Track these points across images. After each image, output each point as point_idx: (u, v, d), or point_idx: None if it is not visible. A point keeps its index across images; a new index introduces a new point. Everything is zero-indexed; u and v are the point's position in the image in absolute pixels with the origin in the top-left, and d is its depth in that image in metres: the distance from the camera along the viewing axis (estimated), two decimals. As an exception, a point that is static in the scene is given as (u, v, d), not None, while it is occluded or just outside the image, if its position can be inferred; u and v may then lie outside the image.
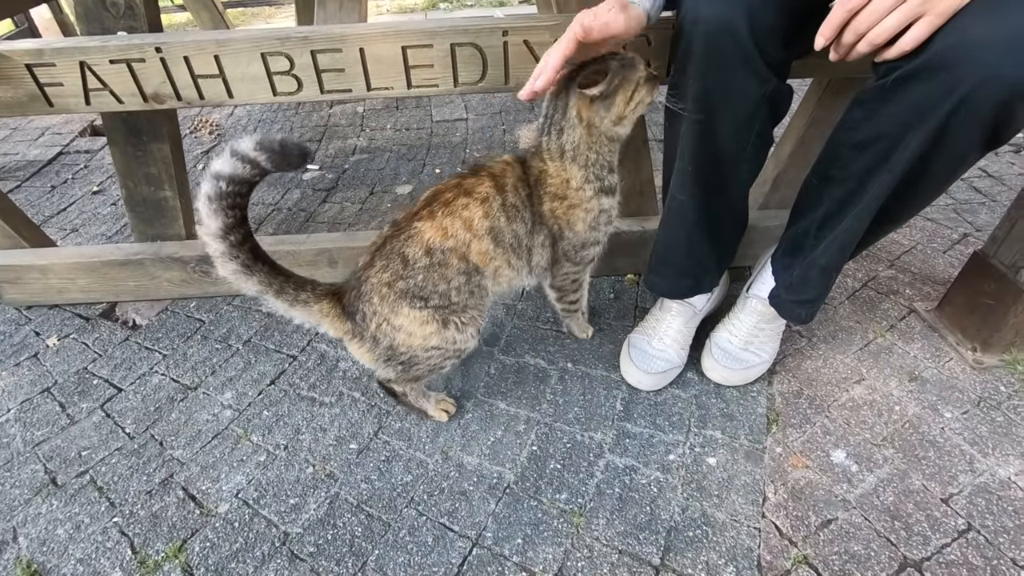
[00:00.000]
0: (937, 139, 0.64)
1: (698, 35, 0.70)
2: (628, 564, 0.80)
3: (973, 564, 0.78)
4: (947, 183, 0.73)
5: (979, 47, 0.57)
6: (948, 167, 0.68)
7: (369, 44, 0.94)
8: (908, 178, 0.69)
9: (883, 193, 0.71)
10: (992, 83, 0.58)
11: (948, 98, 0.60)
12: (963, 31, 0.58)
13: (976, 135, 0.63)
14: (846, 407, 0.99)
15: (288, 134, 1.94)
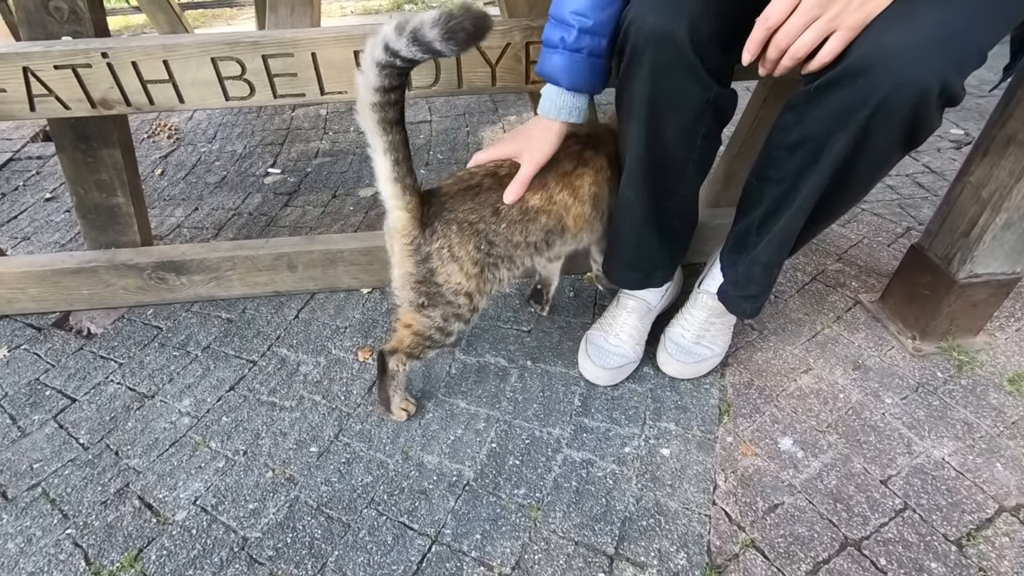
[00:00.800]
0: (860, 141, 0.68)
1: (641, 45, 0.73)
2: (584, 555, 0.82)
3: (908, 541, 0.82)
4: (873, 181, 0.77)
5: (892, 55, 0.61)
6: (872, 166, 0.72)
7: (321, 49, 0.95)
8: (837, 178, 0.73)
9: (816, 192, 0.75)
10: (905, 88, 0.61)
11: (867, 103, 0.64)
12: (877, 40, 0.62)
13: (895, 137, 0.67)
14: (794, 396, 1.03)
15: (249, 139, 1.93)
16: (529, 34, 0.95)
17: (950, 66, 0.61)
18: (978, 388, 1.03)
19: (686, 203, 0.91)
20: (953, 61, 0.61)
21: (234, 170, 1.75)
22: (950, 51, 0.60)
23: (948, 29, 0.60)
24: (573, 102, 0.80)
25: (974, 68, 0.63)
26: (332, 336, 1.17)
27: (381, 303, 1.24)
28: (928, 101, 0.62)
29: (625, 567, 0.80)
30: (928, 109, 0.63)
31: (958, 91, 0.62)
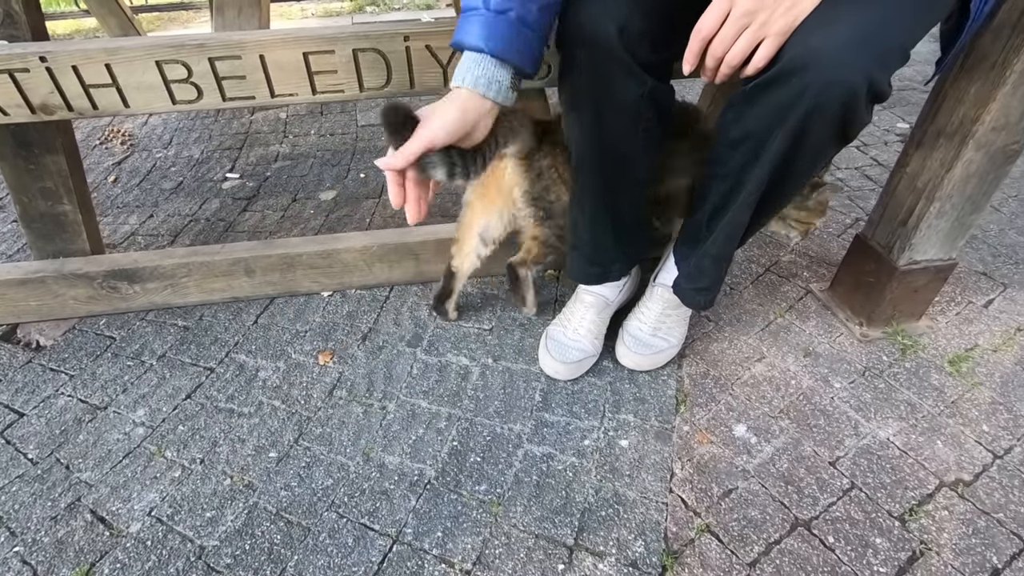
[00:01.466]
0: (797, 137, 0.70)
1: (574, 43, 0.74)
2: (544, 547, 0.83)
3: (855, 518, 0.86)
4: (811, 173, 0.80)
5: (819, 56, 0.63)
6: (809, 160, 0.75)
7: (269, 51, 0.94)
8: (777, 172, 0.76)
9: (759, 187, 0.78)
10: (835, 87, 0.64)
11: (801, 102, 0.67)
12: (805, 42, 0.65)
13: (829, 132, 0.70)
14: (748, 384, 1.06)
15: (207, 144, 1.89)
16: (479, 34, 0.96)
17: (873, 65, 0.64)
18: (921, 370, 1.07)
19: (637, 195, 0.93)
20: (876, 60, 0.64)
21: (191, 176, 1.72)
22: (872, 50, 0.63)
23: (869, 29, 0.63)
24: (493, 72, 0.69)
25: (898, 66, 0.66)
26: (292, 340, 1.16)
27: (342, 306, 1.23)
28: (856, 99, 0.65)
29: (584, 557, 0.82)
30: (857, 106, 0.66)
31: (884, 88, 0.66)
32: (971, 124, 0.88)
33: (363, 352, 1.13)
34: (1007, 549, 0.82)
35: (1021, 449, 0.94)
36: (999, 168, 0.94)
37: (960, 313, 1.19)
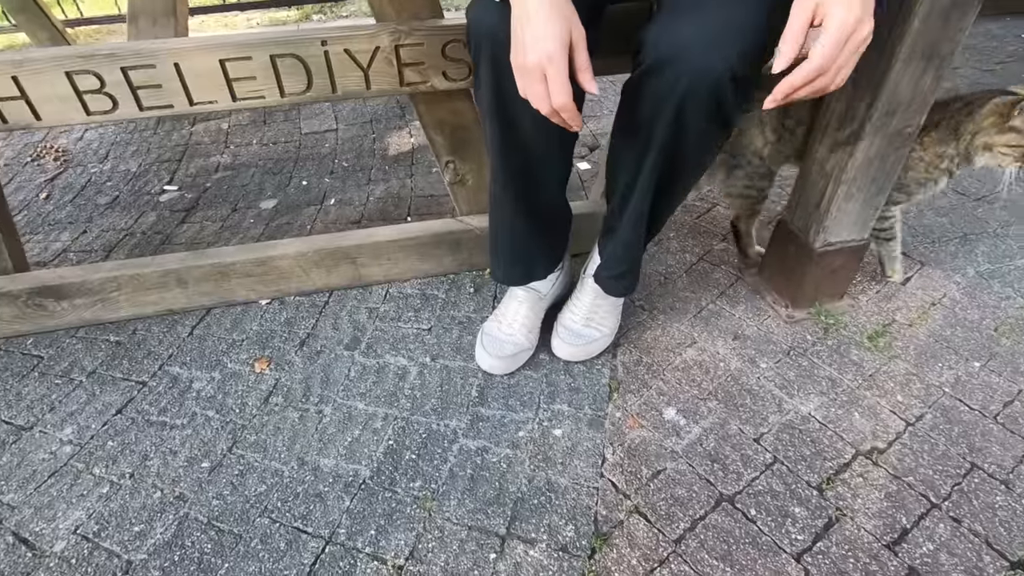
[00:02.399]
0: (678, 124, 0.74)
1: (482, 44, 0.76)
2: (476, 538, 0.84)
3: (776, 491, 0.89)
4: (703, 158, 0.84)
5: (689, 45, 0.67)
6: (696, 146, 0.78)
7: (184, 59, 0.93)
8: (668, 159, 0.79)
9: (654, 174, 0.81)
10: (703, 75, 0.68)
11: (675, 91, 0.70)
12: (676, 31, 0.68)
13: (705, 119, 0.73)
14: (679, 369, 1.09)
15: (145, 157, 1.86)
16: (397, 37, 0.97)
17: (736, 55, 0.67)
18: (842, 347, 1.12)
19: (554, 193, 0.95)
20: (739, 50, 0.67)
21: (127, 190, 1.69)
22: (735, 41, 0.67)
23: (733, 21, 0.67)
24: None
25: (760, 59, 0.70)
26: (228, 350, 1.15)
27: (280, 313, 1.23)
28: (723, 87, 0.69)
29: (516, 545, 0.83)
30: (727, 94, 0.70)
31: (749, 76, 0.69)
32: (866, 109, 0.93)
33: (300, 358, 1.13)
34: (916, 510, 0.86)
35: (931, 416, 0.99)
36: (898, 150, 0.99)
37: (880, 291, 1.24)
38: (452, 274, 1.31)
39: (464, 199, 1.25)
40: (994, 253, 1.33)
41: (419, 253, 1.26)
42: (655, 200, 0.85)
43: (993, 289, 1.23)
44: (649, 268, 1.32)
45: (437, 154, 1.18)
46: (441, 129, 1.14)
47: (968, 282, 1.25)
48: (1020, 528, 0.83)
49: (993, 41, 2.45)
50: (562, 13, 0.64)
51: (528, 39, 0.64)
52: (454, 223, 1.26)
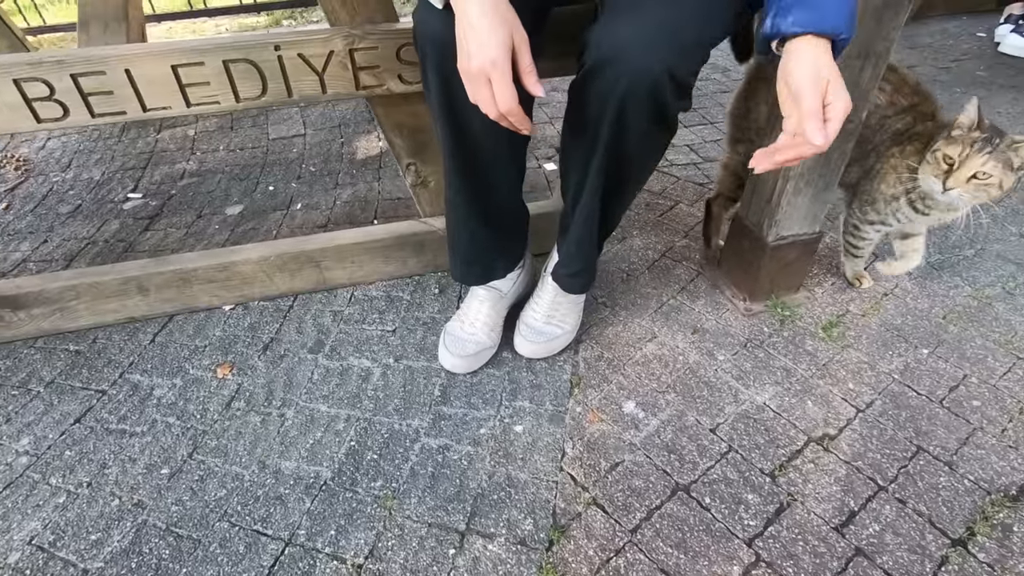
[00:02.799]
0: (621, 122, 0.75)
1: (428, 48, 0.77)
2: (436, 535, 0.85)
3: (730, 479, 0.91)
4: (649, 157, 0.86)
5: (627, 46, 0.69)
6: (640, 145, 0.80)
7: (135, 65, 0.93)
8: (613, 158, 0.81)
9: (601, 172, 0.83)
10: (641, 76, 0.70)
11: (615, 91, 0.72)
12: (615, 33, 0.70)
13: (646, 118, 0.75)
14: (639, 363, 1.11)
15: (108, 165, 1.84)
16: (351, 41, 0.98)
17: (672, 57, 0.69)
18: (797, 338, 1.15)
19: (508, 193, 0.97)
20: (675, 52, 0.69)
21: (90, 198, 1.67)
22: (672, 43, 0.69)
23: (669, 25, 0.69)
24: None
25: (698, 61, 0.73)
26: (190, 356, 1.14)
27: (243, 318, 1.22)
28: (661, 87, 0.71)
29: (475, 540, 0.84)
30: (663, 94, 0.72)
31: (685, 78, 0.72)
32: (808, 106, 0.96)
33: (263, 362, 1.13)
34: (863, 493, 0.89)
35: (881, 402, 1.02)
36: (842, 145, 1.03)
37: (835, 283, 1.28)
38: (417, 275, 1.32)
39: (427, 201, 1.26)
40: (944, 244, 1.37)
41: (383, 255, 1.27)
42: (605, 198, 0.87)
43: (943, 279, 1.28)
44: (612, 266, 1.34)
45: (398, 156, 1.19)
46: (400, 132, 1.15)
47: (920, 272, 1.29)
48: (962, 507, 0.86)
49: (949, 39, 2.52)
50: (504, 19, 0.66)
51: (472, 46, 0.66)
52: (418, 225, 1.27)
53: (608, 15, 0.74)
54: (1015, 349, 1.10)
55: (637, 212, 1.52)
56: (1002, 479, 0.90)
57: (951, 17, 2.73)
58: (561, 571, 0.81)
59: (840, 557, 0.81)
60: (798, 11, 0.63)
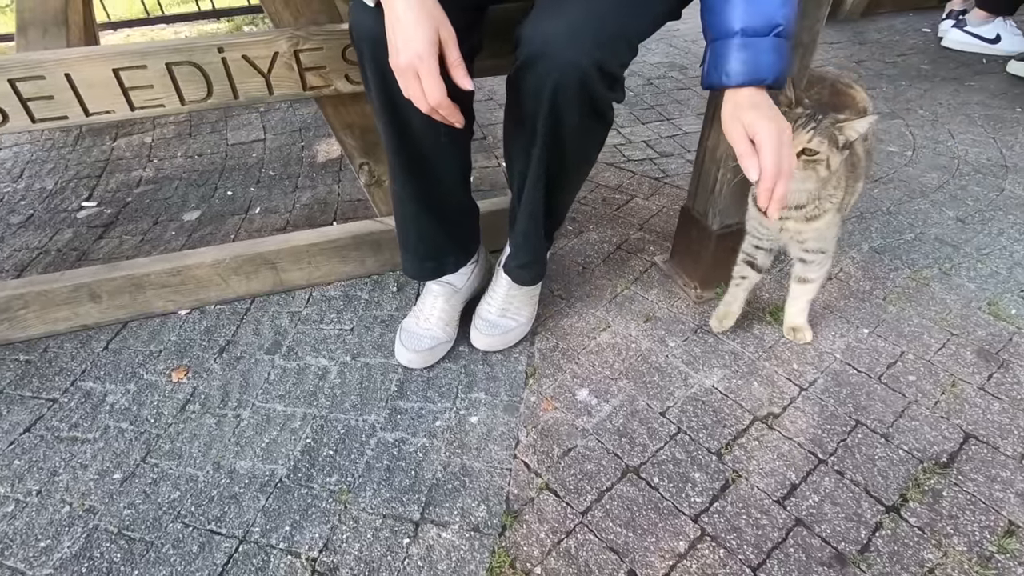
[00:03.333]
0: (555, 115, 0.78)
1: (364, 47, 0.79)
2: (391, 525, 0.86)
3: (679, 459, 0.94)
4: (587, 149, 0.89)
5: (553, 41, 0.71)
6: (577, 137, 0.83)
7: (75, 69, 0.93)
8: (552, 151, 0.83)
9: (542, 164, 0.85)
10: (569, 69, 0.72)
11: (547, 84, 0.74)
12: (542, 28, 0.72)
13: (579, 111, 0.78)
14: (593, 352, 1.13)
15: (62, 174, 1.81)
16: (296, 42, 0.99)
17: (597, 49, 0.72)
18: (745, 322, 1.18)
19: (454, 188, 0.99)
20: (598, 45, 0.72)
21: (42, 208, 1.64)
22: (595, 36, 0.72)
23: (592, 18, 0.72)
24: None
25: (625, 54, 0.76)
26: (144, 362, 1.13)
27: (200, 322, 1.22)
28: (589, 79, 0.73)
29: (429, 529, 0.86)
30: (593, 86, 0.74)
31: (613, 70, 0.75)
32: (742, 98, 0.99)
33: (219, 365, 1.13)
34: (804, 467, 0.92)
35: (823, 380, 1.06)
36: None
37: (782, 269, 1.32)
38: (376, 275, 1.33)
39: (382, 200, 1.27)
40: (886, 229, 1.43)
41: (340, 256, 1.28)
42: (549, 189, 0.90)
43: (884, 262, 1.33)
44: (568, 259, 1.37)
45: (350, 157, 1.20)
46: (351, 131, 1.16)
47: (863, 257, 1.34)
48: (896, 476, 0.90)
49: (896, 35, 2.62)
50: (430, 14, 0.68)
51: (399, 42, 0.68)
52: (373, 224, 1.28)
53: (536, 11, 0.77)
54: (949, 326, 1.15)
55: (593, 207, 1.55)
56: (934, 448, 0.94)
57: (898, 14, 2.83)
58: (513, 554, 0.83)
59: (781, 528, 0.85)
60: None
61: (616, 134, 1.90)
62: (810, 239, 0.97)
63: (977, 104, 1.98)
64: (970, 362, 1.08)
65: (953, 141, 1.78)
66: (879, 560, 0.81)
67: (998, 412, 0.99)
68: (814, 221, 0.94)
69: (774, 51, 0.72)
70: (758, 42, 0.72)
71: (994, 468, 0.91)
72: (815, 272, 1.04)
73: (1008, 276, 1.27)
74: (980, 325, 1.15)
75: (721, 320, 1.15)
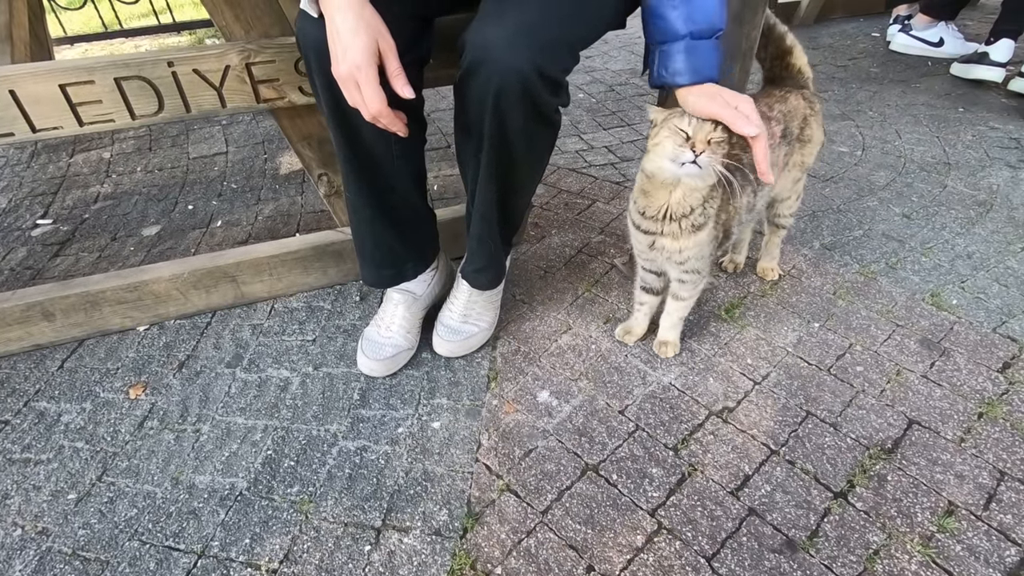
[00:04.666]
0: (499, 119, 0.80)
1: (311, 55, 0.80)
2: (352, 533, 0.86)
3: (636, 455, 0.96)
4: (535, 153, 0.91)
5: (494, 47, 0.73)
6: (524, 141, 0.85)
7: (19, 85, 0.92)
8: (500, 153, 0.85)
9: (492, 168, 0.87)
10: (510, 74, 0.74)
11: (489, 88, 0.76)
12: (483, 34, 0.74)
13: (523, 115, 0.80)
14: (554, 354, 1.15)
15: (16, 191, 1.77)
16: (247, 55, 1.00)
17: (536, 54, 0.74)
18: (702, 320, 1.22)
19: (408, 195, 1.00)
20: (538, 51, 0.74)
21: (-5, 227, 1.61)
22: (534, 42, 0.74)
23: (530, 24, 0.74)
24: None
25: (566, 60, 0.78)
26: (101, 380, 1.12)
27: (159, 338, 1.21)
28: (531, 83, 0.75)
29: (391, 535, 0.86)
30: (535, 90, 0.76)
31: (555, 75, 0.77)
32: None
33: (179, 380, 1.11)
34: (757, 458, 0.95)
35: (776, 374, 1.10)
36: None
37: (739, 269, 1.36)
38: (338, 284, 1.33)
39: (342, 210, 1.27)
40: (837, 227, 1.48)
41: (302, 267, 1.28)
42: (501, 194, 0.92)
43: (834, 258, 1.38)
44: (531, 264, 1.39)
45: (309, 168, 1.21)
46: (308, 143, 1.16)
47: (814, 254, 1.39)
48: (844, 463, 0.94)
49: (847, 40, 2.71)
50: (368, 24, 0.69)
51: (338, 51, 0.69)
52: (334, 234, 1.28)
53: (479, 18, 0.79)
54: (895, 318, 1.20)
55: (556, 212, 1.57)
56: (879, 435, 0.98)
57: (849, 19, 2.94)
58: (474, 556, 0.83)
59: (735, 518, 0.87)
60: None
61: (578, 140, 1.93)
62: (691, 256, 0.96)
63: (923, 105, 2.06)
64: (914, 351, 1.12)
65: (900, 140, 1.85)
66: (827, 544, 0.83)
67: (939, 398, 1.03)
68: (699, 232, 0.93)
69: (715, 51, 0.80)
70: (702, 44, 0.78)
71: (935, 452, 0.95)
72: (688, 291, 1.05)
73: (950, 268, 1.32)
74: (923, 316, 1.20)
75: (623, 336, 1.18)
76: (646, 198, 0.92)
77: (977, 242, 1.39)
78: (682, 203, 0.90)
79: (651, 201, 0.92)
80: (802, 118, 1.04)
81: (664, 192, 0.90)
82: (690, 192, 0.89)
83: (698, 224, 0.92)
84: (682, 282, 1.03)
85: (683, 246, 0.94)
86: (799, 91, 1.05)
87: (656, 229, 0.94)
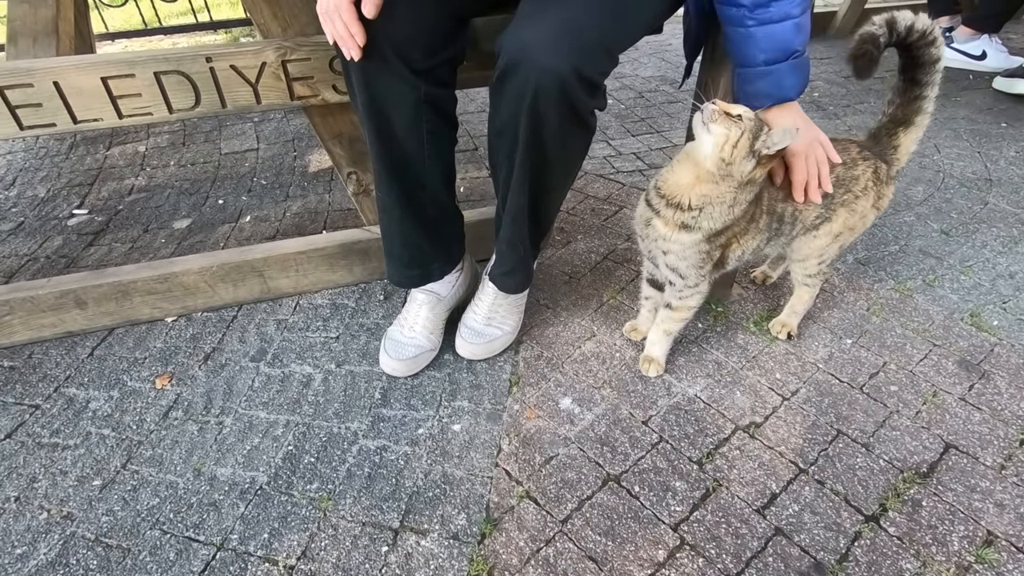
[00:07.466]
0: (535, 121, 0.79)
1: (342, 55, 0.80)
2: (370, 533, 0.86)
3: (660, 468, 0.94)
4: (569, 155, 0.90)
5: (532, 48, 0.73)
6: (558, 143, 0.84)
7: (63, 77, 0.94)
8: (535, 156, 0.84)
9: (525, 170, 0.86)
10: (548, 75, 0.74)
11: (527, 90, 0.75)
12: (521, 36, 0.74)
13: (560, 116, 0.79)
14: (577, 361, 1.14)
15: (54, 182, 1.82)
16: (283, 53, 1.01)
17: (575, 56, 0.73)
18: (729, 332, 1.19)
19: (437, 193, 1.00)
20: (577, 52, 0.73)
21: (33, 215, 1.65)
22: (572, 44, 0.73)
23: (569, 26, 0.73)
24: None
25: (604, 62, 0.77)
26: (128, 369, 1.13)
27: (186, 329, 1.22)
28: (569, 85, 0.74)
29: (408, 537, 0.85)
30: (573, 91, 0.75)
31: (593, 77, 0.76)
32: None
33: (204, 372, 1.13)
34: (785, 476, 0.92)
35: (805, 390, 1.07)
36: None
37: (768, 282, 1.33)
38: (363, 283, 1.33)
39: (370, 208, 1.28)
40: (871, 241, 1.44)
41: (328, 264, 1.28)
42: (533, 196, 0.91)
43: (868, 274, 1.34)
44: (555, 269, 1.38)
45: (338, 166, 1.21)
46: (339, 141, 1.17)
47: (847, 268, 1.35)
48: (876, 485, 0.91)
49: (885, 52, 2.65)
50: None
51: None
52: (361, 233, 1.28)
53: (517, 20, 0.78)
54: (931, 337, 1.16)
55: (582, 217, 1.56)
56: (914, 458, 0.94)
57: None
58: (491, 562, 0.82)
59: (760, 537, 0.85)
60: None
61: (606, 146, 1.92)
62: (672, 252, 0.93)
63: (963, 119, 2.01)
64: (951, 373, 1.08)
65: (939, 155, 1.80)
66: (857, 570, 0.80)
67: (978, 423, 0.99)
68: (685, 232, 0.90)
69: (794, 72, 0.82)
70: (779, 68, 0.81)
71: (973, 478, 0.91)
72: (675, 298, 1.01)
73: (991, 288, 1.28)
74: (962, 336, 1.16)
75: (630, 332, 1.18)
76: (671, 171, 0.90)
77: (1020, 262, 1.34)
78: (695, 189, 0.86)
79: (672, 175, 0.89)
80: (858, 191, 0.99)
81: (688, 170, 0.87)
82: (706, 181, 0.85)
83: (688, 224, 0.89)
84: (671, 283, 1.00)
85: (669, 236, 0.91)
86: (877, 164, 0.99)
87: (658, 206, 0.91)
